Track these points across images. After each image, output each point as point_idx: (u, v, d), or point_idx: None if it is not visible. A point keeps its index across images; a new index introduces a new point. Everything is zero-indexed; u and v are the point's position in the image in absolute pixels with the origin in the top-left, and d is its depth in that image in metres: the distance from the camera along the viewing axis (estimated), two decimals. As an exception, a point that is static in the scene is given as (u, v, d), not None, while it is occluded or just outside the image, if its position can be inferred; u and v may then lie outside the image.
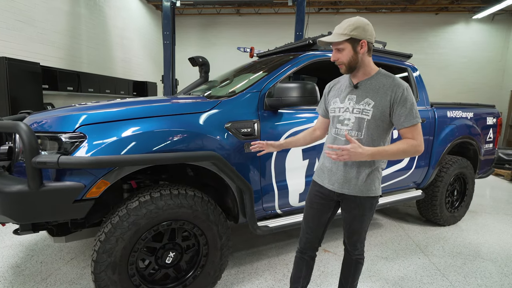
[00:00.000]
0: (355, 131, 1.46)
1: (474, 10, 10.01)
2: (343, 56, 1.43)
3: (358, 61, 1.43)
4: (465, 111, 3.36)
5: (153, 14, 10.97)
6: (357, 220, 1.56)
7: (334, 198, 1.59)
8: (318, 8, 10.65)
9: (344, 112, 1.49)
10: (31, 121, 1.74)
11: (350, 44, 1.41)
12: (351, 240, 1.63)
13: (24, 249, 2.61)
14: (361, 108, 1.44)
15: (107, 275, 1.58)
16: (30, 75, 4.97)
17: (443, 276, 2.37)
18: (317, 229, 1.67)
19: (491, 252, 2.81)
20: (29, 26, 5.57)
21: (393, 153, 1.38)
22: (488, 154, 3.73)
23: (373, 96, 1.43)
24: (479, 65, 10.61)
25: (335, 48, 1.45)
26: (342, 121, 1.49)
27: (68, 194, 1.49)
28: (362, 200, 1.51)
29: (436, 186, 3.17)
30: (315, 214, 1.65)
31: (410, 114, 1.39)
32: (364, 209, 1.53)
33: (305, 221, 1.69)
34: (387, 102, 1.41)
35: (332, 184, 1.55)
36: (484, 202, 4.41)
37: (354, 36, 1.39)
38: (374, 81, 1.46)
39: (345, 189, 1.51)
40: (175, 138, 1.71)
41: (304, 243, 1.70)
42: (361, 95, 1.46)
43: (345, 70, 1.47)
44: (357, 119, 1.44)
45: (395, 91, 1.40)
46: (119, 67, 8.68)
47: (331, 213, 1.65)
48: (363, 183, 1.48)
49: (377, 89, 1.44)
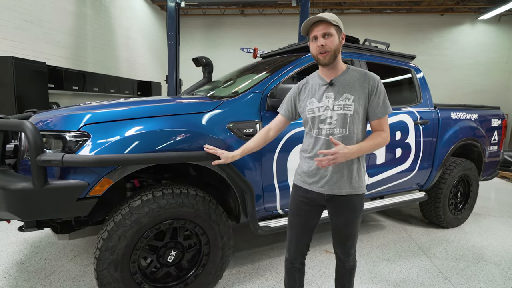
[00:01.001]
0: (339, 128, 1.42)
1: (480, 11, 9.92)
2: (331, 43, 1.38)
3: (339, 52, 1.45)
4: (469, 113, 3.34)
5: (158, 14, 11.04)
6: (350, 223, 1.51)
7: (321, 203, 1.52)
8: (322, 9, 10.64)
9: (325, 111, 1.44)
10: (36, 120, 1.77)
11: (337, 32, 1.41)
12: (344, 247, 1.56)
13: (29, 246, 2.65)
14: (341, 104, 1.41)
15: (109, 272, 1.60)
16: (36, 74, 5.03)
17: (446, 278, 2.36)
18: (304, 237, 1.60)
19: (495, 255, 2.79)
20: (36, 26, 5.65)
21: (371, 147, 1.43)
22: (492, 156, 3.70)
23: (351, 90, 1.43)
24: (485, 67, 10.52)
25: (322, 33, 1.38)
26: (324, 120, 1.44)
27: (71, 192, 1.51)
28: (353, 199, 1.47)
29: (439, 188, 3.15)
30: (302, 221, 1.57)
31: (384, 105, 1.45)
32: (356, 209, 1.49)
33: (292, 230, 1.61)
34: (365, 94, 1.43)
35: (322, 186, 1.47)
36: (488, 204, 4.38)
37: (340, 26, 1.42)
38: (347, 76, 1.46)
39: (335, 190, 1.45)
40: (178, 137, 1.73)
41: (294, 252, 1.62)
42: (338, 91, 1.44)
43: (329, 59, 1.40)
44: (340, 115, 1.41)
45: (371, 83, 1.44)
46: (123, 67, 8.75)
47: (318, 219, 1.60)
48: (354, 180, 1.46)
49: (352, 83, 1.44)
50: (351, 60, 2.63)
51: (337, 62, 1.46)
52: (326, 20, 1.37)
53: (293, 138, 2.14)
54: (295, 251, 1.63)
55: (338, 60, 1.46)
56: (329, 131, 1.44)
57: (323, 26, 1.38)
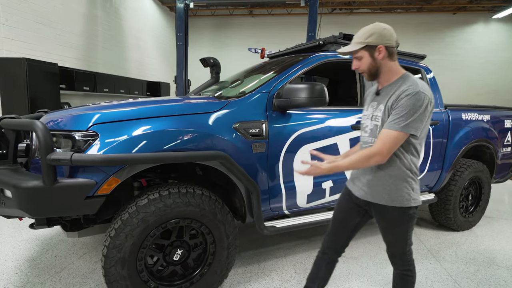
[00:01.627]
0: (370, 137, 1.47)
1: (495, 9, 9.71)
2: (362, 64, 1.42)
3: (378, 67, 1.40)
4: (481, 114, 3.26)
5: (167, 15, 11.16)
6: (388, 233, 1.50)
7: (362, 206, 1.54)
8: (331, 9, 10.57)
9: (366, 120, 1.51)
10: (47, 120, 1.81)
11: (367, 51, 1.39)
12: (388, 252, 1.56)
13: (40, 243, 2.71)
14: (376, 115, 1.44)
15: (117, 270, 1.63)
16: (49, 75, 5.14)
17: (455, 282, 2.31)
18: (341, 232, 1.63)
19: (507, 259, 2.72)
20: (48, 27, 5.78)
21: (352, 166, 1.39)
22: (506, 158, 3.61)
23: (386, 101, 1.39)
24: (499, 66, 10.28)
25: (354, 57, 1.45)
26: (364, 128, 1.52)
27: (80, 190, 1.54)
28: (387, 210, 1.42)
29: (449, 190, 3.09)
30: (341, 216, 1.63)
31: (396, 119, 1.30)
32: (391, 221, 1.45)
33: (332, 221, 1.67)
34: (390, 105, 1.35)
35: (357, 191, 1.52)
36: (501, 207, 4.27)
37: (369, 43, 1.36)
38: (392, 86, 1.41)
39: (368, 196, 1.47)
40: (184, 137, 1.74)
41: (327, 243, 1.66)
42: (379, 101, 1.44)
43: (367, 77, 1.46)
44: (373, 125, 1.45)
45: (400, 95, 1.32)
46: (133, 68, 8.88)
47: (359, 220, 1.59)
48: (386, 191, 1.41)
49: (390, 94, 1.39)
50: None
51: (383, 73, 1.42)
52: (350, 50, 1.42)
53: (299, 138, 2.13)
54: (328, 242, 1.66)
55: (385, 70, 1.42)
56: (364, 138, 1.51)
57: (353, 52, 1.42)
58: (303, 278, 2.28)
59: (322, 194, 2.34)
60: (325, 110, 2.35)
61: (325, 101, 1.95)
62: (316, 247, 2.80)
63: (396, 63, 1.44)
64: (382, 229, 1.53)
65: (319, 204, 2.37)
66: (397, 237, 1.48)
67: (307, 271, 2.36)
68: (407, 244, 1.49)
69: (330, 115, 2.34)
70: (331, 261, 1.67)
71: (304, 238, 2.97)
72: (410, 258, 1.53)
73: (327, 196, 2.36)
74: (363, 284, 2.24)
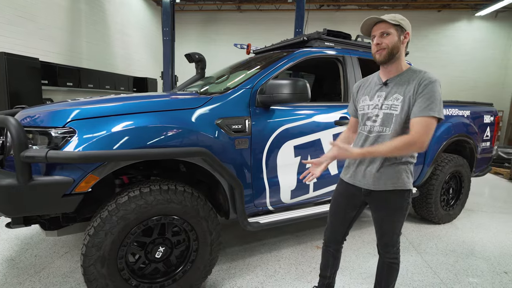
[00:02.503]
0: (381, 126, 1.47)
1: (477, 7, 9.91)
2: (389, 40, 1.40)
3: (399, 50, 1.43)
4: (462, 109, 3.34)
5: (153, 10, 10.96)
6: (386, 221, 1.53)
7: (360, 197, 1.58)
8: (319, 5, 10.59)
9: (373, 109, 1.50)
10: (23, 116, 1.76)
11: (397, 31, 1.41)
12: (381, 242, 1.60)
13: (20, 242, 2.64)
14: (389, 104, 1.44)
15: (96, 268, 1.60)
16: (29, 70, 4.99)
17: (435, 273, 2.38)
18: (340, 225, 1.70)
19: (485, 250, 2.81)
20: (29, 21, 5.59)
21: (385, 152, 1.37)
22: (485, 153, 3.72)
23: (402, 91, 1.42)
24: (481, 63, 10.53)
25: (380, 32, 1.42)
26: (371, 117, 1.51)
27: (56, 188, 1.50)
28: (388, 195, 1.47)
29: (431, 184, 3.17)
30: (338, 211, 1.69)
31: (428, 105, 1.33)
32: (392, 206, 1.49)
33: (330, 215, 1.74)
34: (412, 94, 1.38)
35: (359, 180, 1.55)
36: (481, 200, 4.41)
37: (402, 25, 1.41)
38: (403, 77, 1.45)
39: (369, 184, 1.50)
40: (165, 134, 1.72)
41: (328, 236, 1.76)
42: (390, 91, 1.46)
43: (385, 56, 1.42)
44: (385, 114, 1.45)
45: (420, 82, 1.37)
46: (119, 63, 8.70)
47: (356, 212, 1.66)
48: (387, 176, 1.46)
49: (406, 84, 1.42)
50: (343, 56, 2.62)
51: (395, 62, 1.45)
52: (385, 21, 1.40)
53: (282, 134, 2.14)
54: (329, 236, 1.76)
55: (397, 60, 1.45)
56: (371, 128, 1.50)
57: (382, 26, 1.41)
58: (288, 273, 2.30)
59: (306, 190, 2.36)
60: (309, 106, 2.36)
61: (307, 96, 1.96)
62: (301, 242, 2.83)
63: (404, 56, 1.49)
64: (381, 219, 1.56)
65: (303, 199, 2.39)
66: (394, 226, 1.53)
67: (291, 266, 2.40)
68: (399, 233, 1.57)
69: (313, 111, 2.35)
70: (335, 251, 1.78)
71: (289, 234, 2.99)
72: (399, 246, 1.61)
73: (311, 192, 2.38)
74: (345, 277, 2.28)
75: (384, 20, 1.40)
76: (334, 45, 2.66)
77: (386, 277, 1.64)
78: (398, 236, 1.57)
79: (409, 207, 1.53)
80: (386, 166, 1.46)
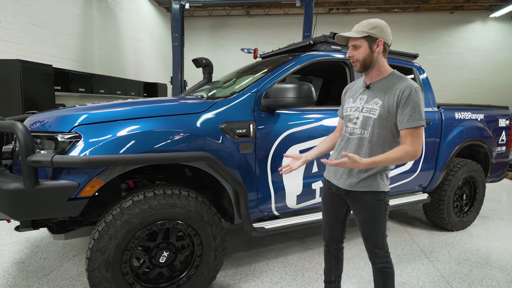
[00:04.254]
0: (360, 129, 1.50)
1: (492, 8, 9.69)
2: (359, 53, 1.45)
3: (373, 59, 1.45)
4: (475, 113, 3.24)
5: (163, 16, 11.15)
6: (367, 222, 1.54)
7: (342, 196, 1.60)
8: (328, 9, 10.56)
9: (354, 111, 1.54)
10: (32, 121, 1.79)
11: (366, 42, 1.43)
12: (368, 247, 1.59)
13: (30, 245, 2.69)
14: (369, 107, 1.48)
15: (101, 272, 1.61)
16: (43, 76, 5.13)
17: (447, 283, 2.29)
18: (335, 224, 1.72)
19: (501, 259, 2.70)
20: (43, 29, 5.77)
21: (389, 161, 1.37)
22: (500, 157, 3.59)
23: (382, 96, 1.45)
24: (497, 65, 10.26)
25: (351, 45, 1.47)
26: (352, 119, 1.54)
27: (62, 192, 1.52)
28: (364, 195, 1.50)
29: (443, 190, 3.07)
30: (330, 210, 1.71)
31: (414, 115, 1.37)
32: (369, 207, 1.51)
33: (323, 216, 1.77)
34: (394, 102, 1.41)
35: (337, 179, 1.58)
36: (497, 207, 4.24)
37: (371, 34, 1.41)
38: (385, 82, 1.48)
39: (347, 185, 1.52)
40: (169, 138, 1.72)
41: (327, 237, 1.77)
42: (371, 95, 1.49)
43: (359, 67, 1.48)
44: (364, 117, 1.48)
45: (402, 90, 1.40)
46: (130, 69, 8.86)
47: (345, 209, 1.68)
48: (366, 178, 1.48)
49: (387, 89, 1.45)
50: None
51: (374, 68, 1.48)
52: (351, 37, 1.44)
53: (288, 139, 2.12)
54: (328, 237, 1.77)
55: (375, 66, 1.47)
56: (352, 130, 1.53)
57: (353, 39, 1.45)
58: (294, 279, 2.26)
59: (312, 195, 2.32)
60: (314, 110, 2.33)
61: (312, 100, 1.94)
62: (308, 248, 2.79)
63: (386, 60, 1.51)
64: (362, 221, 1.56)
65: (310, 204, 2.35)
66: (375, 227, 1.53)
67: (298, 272, 2.36)
68: (384, 235, 1.56)
69: (321, 114, 2.32)
70: (337, 250, 1.78)
71: (296, 239, 2.95)
72: (387, 250, 1.59)
73: (318, 197, 2.34)
74: (353, 285, 2.22)
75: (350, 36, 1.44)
76: (341, 49, 2.63)
77: (382, 283, 1.60)
78: (384, 238, 1.56)
79: (388, 208, 1.54)
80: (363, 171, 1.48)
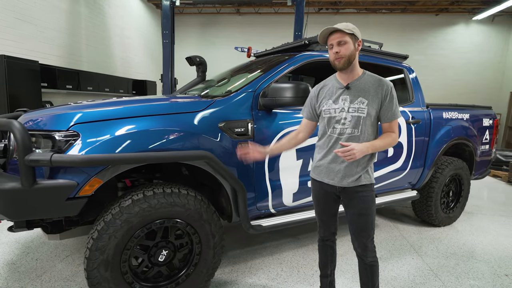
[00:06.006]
0: (351, 129, 1.56)
1: (474, 11, 9.99)
2: (346, 49, 1.51)
3: (355, 57, 1.56)
4: (461, 113, 3.37)
5: (153, 13, 10.98)
6: (363, 215, 1.59)
7: (335, 192, 1.66)
8: (318, 8, 10.65)
9: (340, 112, 1.58)
10: (26, 119, 1.76)
11: (352, 39, 1.53)
12: (361, 241, 1.63)
13: (20, 246, 2.63)
14: (356, 107, 1.55)
15: (100, 272, 1.60)
16: (29, 73, 4.98)
17: (436, 276, 2.38)
18: (330, 219, 1.78)
19: (485, 253, 2.83)
20: (29, 24, 5.58)
21: (384, 145, 1.55)
22: (484, 156, 3.74)
23: (365, 95, 1.56)
24: (479, 67, 10.60)
25: (337, 41, 1.52)
26: (339, 120, 1.58)
27: (60, 192, 1.50)
28: (359, 189, 1.58)
29: (431, 187, 3.18)
30: (324, 209, 1.76)
31: (396, 110, 1.58)
32: (365, 200, 1.59)
33: (317, 216, 1.82)
34: (379, 100, 1.55)
35: (332, 179, 1.62)
36: (480, 203, 4.42)
37: (355, 34, 1.53)
38: (362, 82, 1.59)
39: (344, 182, 1.58)
40: (168, 137, 1.72)
41: (323, 233, 1.83)
42: (354, 95, 1.57)
43: (343, 63, 1.53)
44: (354, 117, 1.55)
45: (384, 89, 1.56)
46: (118, 66, 8.69)
47: (338, 204, 1.75)
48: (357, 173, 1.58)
49: (367, 89, 1.57)
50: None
51: (353, 67, 1.57)
52: (341, 30, 1.50)
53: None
54: (324, 231, 1.83)
55: (354, 65, 1.57)
56: (342, 130, 1.58)
57: (338, 35, 1.51)
58: (290, 276, 2.30)
59: (308, 193, 2.36)
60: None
61: (309, 100, 1.97)
62: (302, 245, 2.84)
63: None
64: (357, 213, 1.61)
65: (306, 202, 2.39)
66: (369, 218, 1.60)
67: (293, 269, 2.40)
68: (374, 227, 1.65)
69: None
70: (332, 243, 1.86)
71: (290, 237, 2.99)
72: (374, 244, 1.68)
73: (313, 195, 2.38)
74: (347, 280, 2.28)
75: (340, 29, 1.50)
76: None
77: (371, 278, 1.66)
78: (373, 231, 1.65)
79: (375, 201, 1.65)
80: (355, 166, 1.57)
